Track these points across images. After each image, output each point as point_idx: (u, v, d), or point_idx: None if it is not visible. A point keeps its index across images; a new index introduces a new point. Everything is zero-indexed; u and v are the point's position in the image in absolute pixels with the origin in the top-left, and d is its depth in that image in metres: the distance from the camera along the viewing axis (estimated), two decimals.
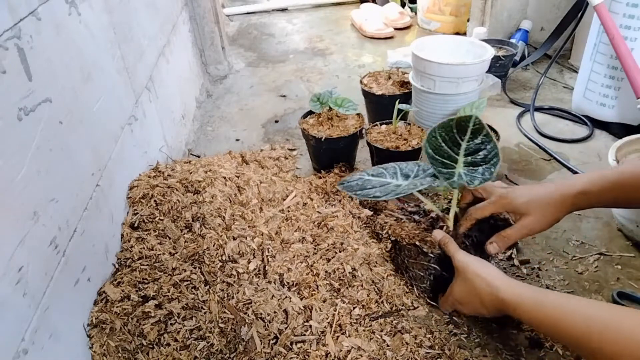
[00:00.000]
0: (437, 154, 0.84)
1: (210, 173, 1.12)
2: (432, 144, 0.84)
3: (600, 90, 1.46)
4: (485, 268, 0.78)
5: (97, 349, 0.76)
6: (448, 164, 0.83)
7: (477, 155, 0.81)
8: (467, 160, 0.82)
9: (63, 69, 0.79)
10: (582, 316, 0.61)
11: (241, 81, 2.05)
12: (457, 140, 0.83)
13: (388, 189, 0.87)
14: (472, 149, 0.82)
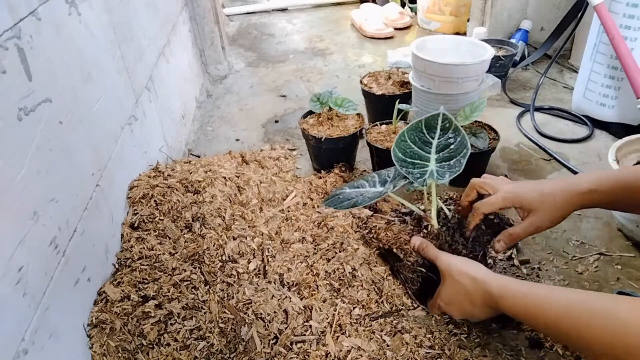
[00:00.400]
0: (407, 156, 0.86)
1: (210, 173, 1.12)
2: (400, 148, 0.87)
3: (600, 90, 1.46)
4: (469, 265, 0.77)
5: (97, 349, 0.76)
6: (419, 163, 0.86)
7: (448, 151, 0.84)
8: (439, 157, 0.85)
9: (63, 69, 0.79)
10: (567, 304, 0.58)
11: (241, 81, 2.05)
12: (427, 140, 0.87)
13: (365, 196, 0.90)
14: (443, 144, 0.85)
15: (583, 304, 0.57)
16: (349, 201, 0.90)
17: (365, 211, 1.12)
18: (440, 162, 0.85)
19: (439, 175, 0.83)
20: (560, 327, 0.58)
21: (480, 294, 0.73)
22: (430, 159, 0.85)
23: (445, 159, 0.85)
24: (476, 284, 0.73)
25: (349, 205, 0.89)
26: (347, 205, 0.89)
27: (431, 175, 0.83)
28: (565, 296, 0.60)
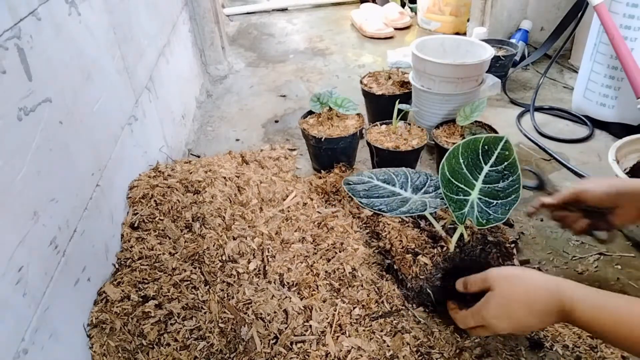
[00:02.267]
0: (454, 177, 0.74)
1: (210, 173, 1.12)
2: (450, 165, 0.75)
3: (600, 90, 1.46)
4: (526, 271, 0.70)
5: (97, 349, 0.76)
6: (462, 189, 0.74)
7: (496, 185, 0.73)
8: (484, 189, 0.74)
9: (63, 69, 0.79)
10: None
11: (241, 81, 2.05)
12: (478, 164, 0.75)
13: (394, 203, 0.80)
14: (493, 177, 0.73)
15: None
16: (374, 200, 0.81)
17: (365, 211, 1.12)
18: (484, 195, 0.74)
19: (480, 215, 0.73)
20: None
21: (547, 300, 0.66)
22: (475, 186, 0.74)
23: (489, 194, 0.73)
24: (545, 290, 0.66)
25: (371, 206, 0.80)
26: (370, 205, 0.81)
27: (471, 210, 0.74)
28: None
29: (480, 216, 0.73)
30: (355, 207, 1.14)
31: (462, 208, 0.74)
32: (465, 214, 0.74)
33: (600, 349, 0.82)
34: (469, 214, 0.74)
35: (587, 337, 0.84)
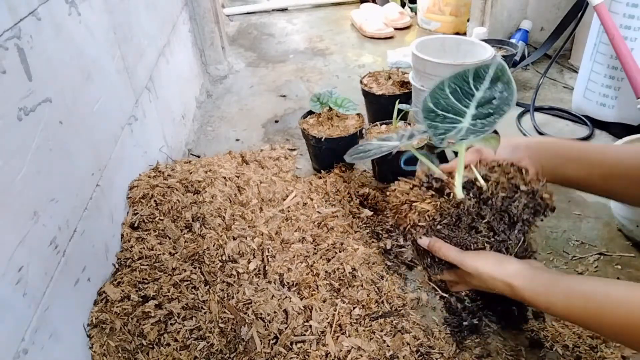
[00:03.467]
0: (438, 107, 0.68)
1: (210, 173, 1.12)
2: (434, 97, 0.69)
3: (600, 90, 1.46)
4: (503, 269, 0.67)
5: (97, 349, 0.76)
6: (451, 118, 0.66)
7: (489, 106, 0.66)
8: (477, 114, 0.66)
9: (63, 69, 0.79)
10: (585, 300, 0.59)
11: (241, 81, 2.05)
12: (469, 91, 0.68)
13: (381, 149, 0.71)
14: (487, 98, 0.66)
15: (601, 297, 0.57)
16: (365, 153, 0.74)
17: (365, 211, 1.12)
18: (476, 119, 0.65)
19: (465, 135, 0.63)
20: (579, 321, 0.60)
21: (514, 296, 0.67)
22: (467, 114, 0.66)
23: (483, 115, 0.65)
24: (512, 291, 0.66)
25: (365, 156, 0.72)
26: (363, 156, 0.73)
27: (459, 132, 0.64)
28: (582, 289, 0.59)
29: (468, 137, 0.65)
30: (356, 207, 1.14)
31: (447, 132, 0.66)
32: (444, 137, 0.65)
33: (600, 349, 0.82)
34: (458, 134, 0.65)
35: (587, 337, 0.84)
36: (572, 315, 0.60)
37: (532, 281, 0.64)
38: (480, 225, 0.67)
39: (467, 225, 0.67)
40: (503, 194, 0.67)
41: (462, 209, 0.67)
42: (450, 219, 0.67)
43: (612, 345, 0.82)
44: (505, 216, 0.67)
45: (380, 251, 1.01)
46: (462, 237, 0.68)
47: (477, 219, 0.67)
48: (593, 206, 1.18)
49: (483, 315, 0.90)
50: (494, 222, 0.67)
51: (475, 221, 0.67)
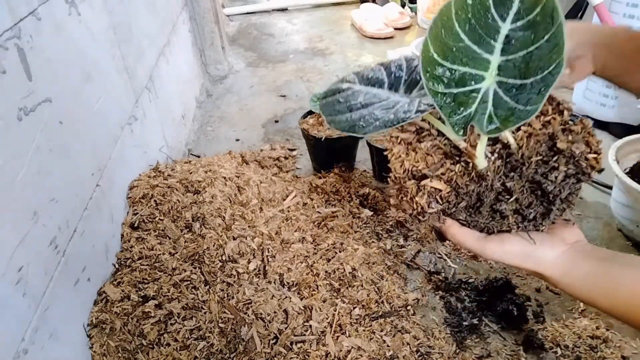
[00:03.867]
0: (448, 55, 0.43)
1: (210, 173, 1.12)
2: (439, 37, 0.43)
3: (600, 90, 1.46)
4: (529, 259, 0.53)
5: (97, 349, 0.76)
6: (468, 74, 0.43)
7: (525, 55, 0.41)
8: (505, 63, 0.42)
9: (63, 69, 0.79)
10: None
11: (241, 81, 2.05)
12: (490, 23, 0.43)
13: (375, 113, 0.49)
14: (519, 38, 0.41)
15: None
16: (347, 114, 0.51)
17: (365, 211, 1.12)
18: (505, 74, 0.42)
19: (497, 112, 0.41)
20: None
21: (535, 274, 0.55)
22: (491, 64, 0.42)
23: (515, 71, 0.41)
24: (546, 281, 0.55)
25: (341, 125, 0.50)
26: (347, 126, 0.50)
27: (482, 106, 0.42)
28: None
29: (497, 113, 0.41)
30: (356, 207, 1.14)
31: (467, 105, 0.42)
32: (471, 116, 0.42)
33: (600, 349, 0.82)
34: (476, 114, 0.42)
35: (587, 337, 0.84)
36: (616, 312, 0.50)
37: (569, 273, 0.52)
38: (507, 206, 0.50)
39: (489, 207, 0.52)
40: (537, 158, 0.49)
41: (485, 185, 0.49)
42: (469, 200, 0.51)
43: (612, 345, 0.82)
44: (538, 192, 0.50)
45: (380, 251, 1.01)
46: (482, 222, 0.53)
47: (503, 196, 0.50)
48: (593, 206, 1.18)
49: (483, 315, 0.91)
50: (524, 201, 0.50)
51: (499, 201, 0.50)
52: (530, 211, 0.51)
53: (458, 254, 1.05)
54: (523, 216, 0.52)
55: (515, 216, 0.52)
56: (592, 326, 0.86)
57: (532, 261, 0.53)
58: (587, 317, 0.89)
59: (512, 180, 0.49)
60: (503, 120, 0.41)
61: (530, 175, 0.49)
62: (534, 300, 0.93)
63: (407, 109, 0.47)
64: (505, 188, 0.50)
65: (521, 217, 0.52)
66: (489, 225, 0.54)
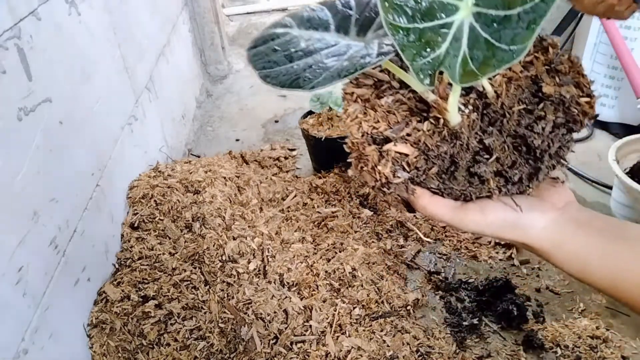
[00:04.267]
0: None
1: (210, 173, 1.12)
2: None
3: (600, 90, 1.46)
4: (515, 229, 0.44)
5: (97, 349, 0.76)
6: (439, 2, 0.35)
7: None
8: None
9: (63, 69, 0.79)
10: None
11: (241, 81, 2.05)
12: None
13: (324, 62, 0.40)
14: None
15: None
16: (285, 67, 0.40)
17: (365, 211, 1.12)
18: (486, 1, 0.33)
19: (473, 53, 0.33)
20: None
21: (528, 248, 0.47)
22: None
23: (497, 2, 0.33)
24: (535, 253, 0.47)
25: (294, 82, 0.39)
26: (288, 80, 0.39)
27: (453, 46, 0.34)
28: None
29: (474, 55, 0.33)
30: (356, 207, 1.14)
31: (436, 45, 0.35)
32: (440, 60, 0.34)
33: (600, 349, 0.82)
34: (447, 57, 0.34)
35: (587, 337, 0.84)
36: (620, 296, 0.42)
37: (563, 246, 0.43)
38: (486, 168, 0.42)
39: (466, 170, 0.43)
40: (519, 107, 0.41)
41: (460, 145, 0.41)
42: (441, 164, 0.42)
43: (612, 345, 0.83)
44: (523, 148, 0.42)
45: (380, 251, 1.01)
46: (458, 189, 0.44)
47: (481, 156, 0.41)
48: (593, 206, 1.19)
49: (483, 315, 0.91)
50: (506, 160, 0.42)
51: (477, 163, 0.42)
52: (515, 172, 0.42)
53: (458, 254, 1.05)
54: (506, 178, 0.43)
55: (497, 179, 0.42)
56: (592, 326, 0.86)
57: (519, 231, 0.44)
58: (587, 317, 0.89)
59: (490, 137, 0.41)
60: (481, 64, 0.33)
61: (512, 128, 0.41)
62: (534, 300, 0.93)
63: (365, 52, 0.38)
64: (483, 146, 0.41)
65: (504, 179, 0.43)
66: (465, 192, 0.44)
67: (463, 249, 1.06)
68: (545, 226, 0.43)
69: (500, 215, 0.44)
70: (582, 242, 0.43)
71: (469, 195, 0.44)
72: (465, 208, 0.44)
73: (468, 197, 0.44)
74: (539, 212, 0.43)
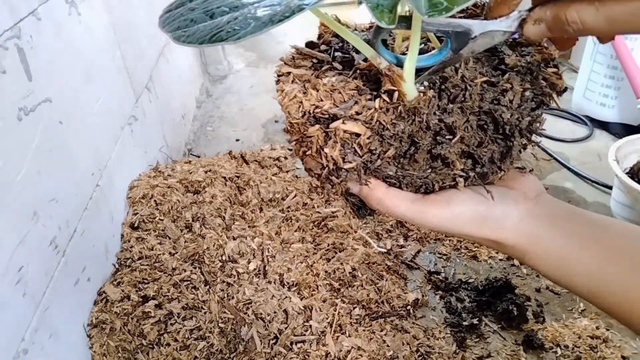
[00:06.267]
0: None
1: (210, 173, 1.12)
2: None
3: (600, 90, 1.46)
4: (485, 225, 0.38)
5: (97, 349, 0.76)
6: None
7: None
8: None
9: (63, 69, 0.79)
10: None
11: (241, 81, 2.05)
12: None
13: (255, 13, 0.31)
14: None
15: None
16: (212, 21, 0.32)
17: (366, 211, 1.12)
18: None
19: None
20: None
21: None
22: None
23: None
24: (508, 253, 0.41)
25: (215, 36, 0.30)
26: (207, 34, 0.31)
27: None
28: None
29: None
30: None
31: None
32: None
33: (600, 349, 0.82)
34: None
35: (587, 337, 0.84)
36: (613, 312, 0.37)
37: (540, 244, 0.38)
38: (450, 149, 0.36)
39: (427, 152, 0.37)
40: (481, 79, 0.36)
41: (419, 122, 0.35)
42: (399, 146, 0.36)
43: (612, 345, 0.83)
44: (489, 125, 0.37)
45: (380, 251, 1.01)
46: (419, 176, 0.38)
47: (443, 136, 0.36)
48: (592, 206, 1.19)
49: (483, 315, 0.91)
50: (472, 140, 0.37)
51: (439, 144, 0.36)
52: (484, 151, 0.37)
53: (458, 254, 1.05)
54: (474, 159, 0.37)
55: (463, 161, 0.37)
56: (592, 326, 0.86)
57: (490, 226, 0.38)
58: (587, 317, 0.89)
59: (451, 115, 0.35)
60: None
61: (476, 104, 0.36)
62: (534, 300, 0.93)
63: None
64: (444, 125, 0.36)
65: (472, 161, 0.37)
66: (427, 179, 0.38)
67: (463, 249, 1.06)
68: (520, 219, 0.37)
69: (468, 207, 0.37)
70: (560, 240, 0.37)
71: (431, 184, 0.38)
72: (427, 199, 0.38)
73: (430, 187, 0.39)
74: (512, 203, 0.37)
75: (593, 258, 0.36)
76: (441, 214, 0.37)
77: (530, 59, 0.38)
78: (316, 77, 0.39)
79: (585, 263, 0.36)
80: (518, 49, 0.39)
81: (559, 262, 0.37)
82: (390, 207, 0.38)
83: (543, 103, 0.39)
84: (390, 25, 0.29)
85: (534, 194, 0.39)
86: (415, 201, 0.38)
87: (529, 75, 0.38)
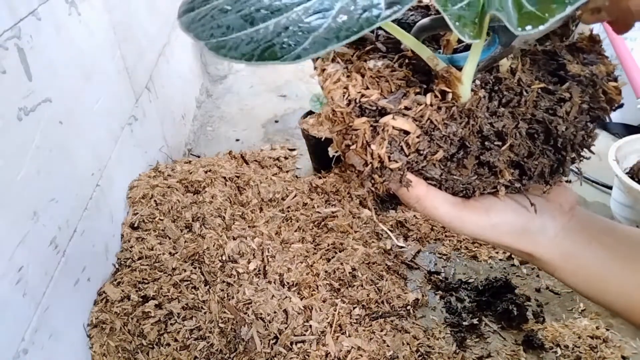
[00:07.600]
0: None
1: (210, 173, 1.12)
2: None
3: None
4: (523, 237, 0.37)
5: (97, 349, 0.76)
6: None
7: None
8: None
9: (63, 69, 0.79)
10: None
11: (241, 81, 2.05)
12: None
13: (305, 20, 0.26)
14: None
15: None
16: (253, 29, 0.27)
17: (365, 211, 1.12)
18: None
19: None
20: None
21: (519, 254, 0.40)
22: None
23: None
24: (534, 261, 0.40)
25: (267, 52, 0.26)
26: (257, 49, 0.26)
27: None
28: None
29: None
30: (355, 207, 1.14)
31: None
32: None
33: (600, 349, 0.82)
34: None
35: (587, 337, 0.84)
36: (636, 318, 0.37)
37: (572, 260, 0.37)
38: (499, 157, 0.33)
39: (474, 158, 0.34)
40: (538, 85, 0.34)
41: (473, 126, 0.33)
42: (447, 148, 0.33)
43: (612, 345, 0.83)
44: (540, 136, 0.34)
45: (380, 251, 1.01)
46: (463, 181, 0.36)
47: (491, 142, 0.33)
48: (593, 206, 1.19)
49: (483, 315, 0.91)
50: (521, 149, 0.34)
51: (487, 150, 0.33)
52: (535, 163, 0.34)
53: (458, 254, 1.05)
54: (523, 171, 0.35)
55: (511, 170, 0.35)
56: (592, 326, 0.86)
57: (527, 239, 0.37)
58: (587, 317, 0.89)
59: (502, 119, 0.33)
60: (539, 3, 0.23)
61: (529, 111, 0.33)
62: (534, 300, 0.93)
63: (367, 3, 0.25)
64: (494, 131, 0.33)
65: (520, 171, 0.35)
66: (470, 185, 0.36)
67: (463, 249, 1.06)
68: (556, 234, 0.36)
69: (508, 218, 0.36)
70: (596, 257, 0.37)
71: (472, 189, 0.36)
72: (467, 205, 0.36)
73: (470, 192, 0.36)
74: (549, 217, 0.36)
75: (629, 277, 0.36)
76: (480, 223, 0.36)
77: (595, 70, 0.35)
78: (358, 58, 0.36)
79: (620, 284, 0.36)
80: (579, 56, 0.36)
81: (591, 279, 0.37)
82: (429, 208, 0.36)
83: (599, 118, 0.36)
84: (474, 40, 0.26)
85: (568, 207, 0.38)
86: (455, 205, 0.36)
87: (591, 87, 0.36)
